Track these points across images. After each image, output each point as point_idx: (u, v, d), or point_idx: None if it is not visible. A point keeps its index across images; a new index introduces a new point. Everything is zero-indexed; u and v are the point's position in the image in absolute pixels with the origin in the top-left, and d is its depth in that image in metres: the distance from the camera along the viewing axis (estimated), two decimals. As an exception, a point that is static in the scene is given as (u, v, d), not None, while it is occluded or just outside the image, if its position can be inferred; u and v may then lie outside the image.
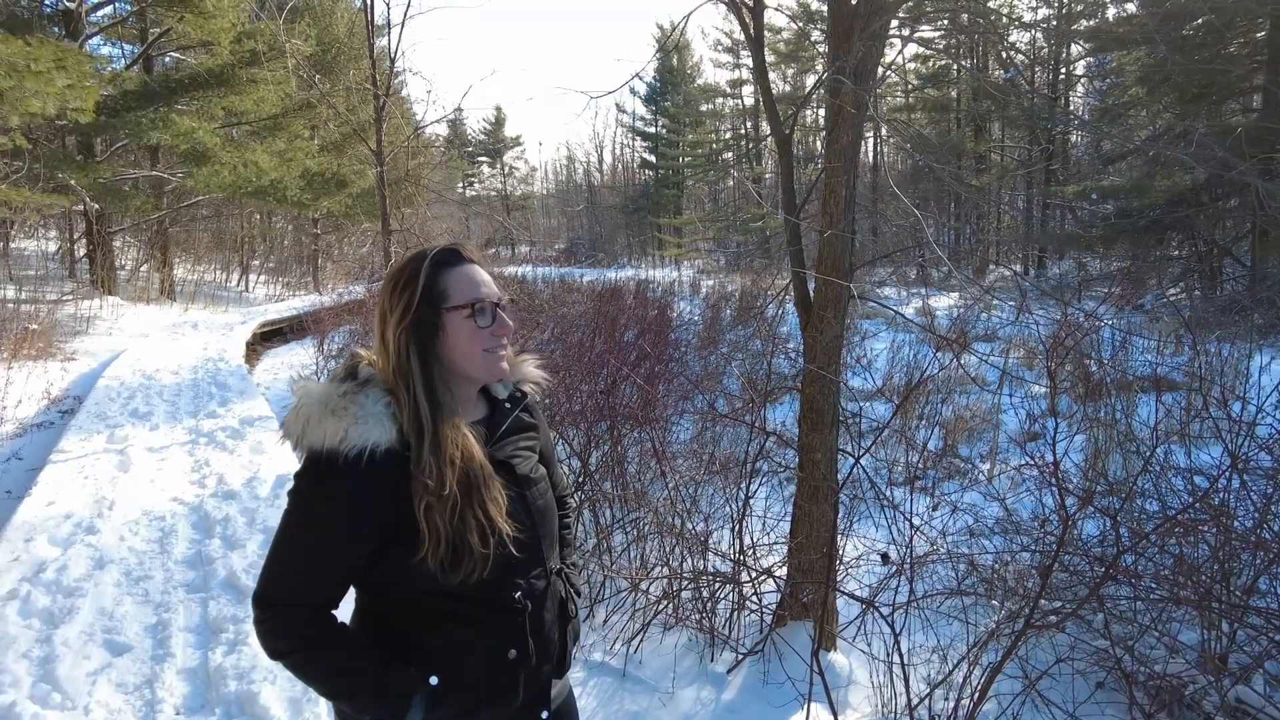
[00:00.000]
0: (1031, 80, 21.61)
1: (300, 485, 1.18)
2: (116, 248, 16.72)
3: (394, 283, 1.26)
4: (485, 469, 1.22)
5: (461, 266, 1.28)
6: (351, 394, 1.18)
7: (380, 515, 1.17)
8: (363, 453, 1.13)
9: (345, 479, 1.14)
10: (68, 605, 3.33)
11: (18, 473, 6.04)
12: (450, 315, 1.24)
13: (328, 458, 1.14)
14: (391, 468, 1.16)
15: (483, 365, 1.28)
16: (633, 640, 3.51)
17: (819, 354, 3.25)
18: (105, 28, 15.37)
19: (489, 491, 1.21)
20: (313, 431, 1.15)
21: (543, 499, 1.37)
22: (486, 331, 1.26)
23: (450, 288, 1.25)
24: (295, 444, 1.17)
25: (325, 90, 11.71)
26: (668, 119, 34.60)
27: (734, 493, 3.94)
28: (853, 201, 3.30)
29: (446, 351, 1.25)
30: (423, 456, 1.16)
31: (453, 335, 1.24)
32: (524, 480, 1.34)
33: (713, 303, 13.57)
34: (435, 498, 1.15)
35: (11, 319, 10.22)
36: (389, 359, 1.23)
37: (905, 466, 6.41)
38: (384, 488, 1.16)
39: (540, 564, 1.34)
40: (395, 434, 1.17)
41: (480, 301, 1.25)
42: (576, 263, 30.47)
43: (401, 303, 1.23)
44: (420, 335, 1.23)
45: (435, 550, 1.16)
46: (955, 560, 3.59)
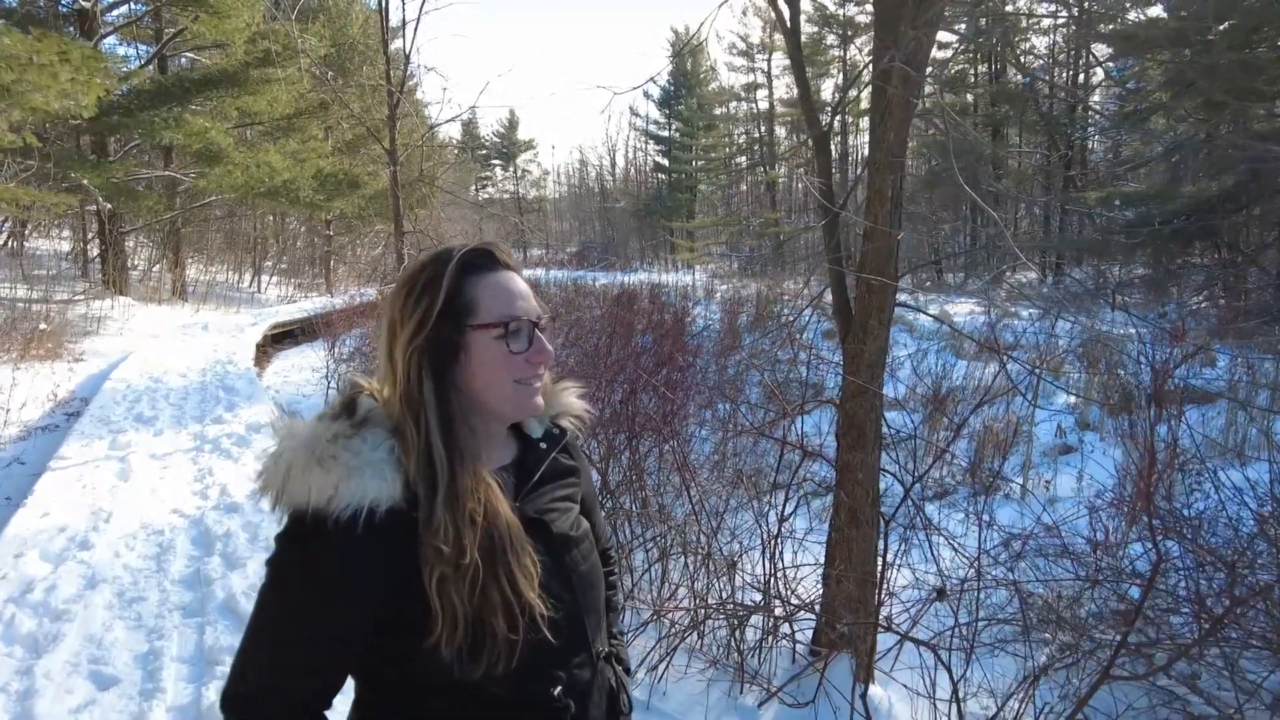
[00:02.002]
0: (1050, 85, 21.36)
1: (280, 555, 0.93)
2: (129, 248, 16.65)
3: (409, 288, 1.00)
4: (514, 529, 0.97)
5: (495, 273, 1.02)
6: (345, 437, 0.93)
7: (381, 592, 0.92)
8: (359, 513, 0.88)
9: (336, 547, 0.89)
10: (54, 631, 3.12)
11: (20, 478, 5.87)
12: (477, 335, 0.98)
13: (314, 520, 0.89)
14: (395, 531, 0.91)
15: (513, 399, 1.02)
16: (657, 667, 3.30)
17: (862, 367, 3.03)
18: (120, 27, 15.32)
19: (519, 559, 0.96)
20: (295, 486, 0.90)
21: (586, 562, 1.10)
22: (521, 358, 1.00)
23: (479, 299, 0.99)
24: (274, 501, 0.91)
25: (338, 89, 11.57)
26: (681, 122, 34.43)
27: (762, 509, 3.71)
28: (900, 202, 3.08)
29: (468, 379, 1.00)
30: (434, 515, 0.91)
31: (478, 360, 0.99)
32: (563, 541, 1.07)
33: (729, 308, 13.34)
34: (451, 568, 0.90)
35: (22, 319, 10.11)
36: (395, 386, 0.98)
37: (935, 481, 6.17)
38: (386, 557, 0.92)
39: (584, 648, 1.07)
40: (400, 487, 0.92)
41: (516, 319, 1.00)
42: (589, 266, 30.28)
43: (416, 314, 0.97)
44: (437, 358, 0.97)
45: (451, 634, 0.90)
46: (999, 586, 3.37)
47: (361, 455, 0.92)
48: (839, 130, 28.92)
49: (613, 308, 10.89)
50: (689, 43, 7.35)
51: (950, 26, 8.18)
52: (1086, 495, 4.85)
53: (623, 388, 5.31)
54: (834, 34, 28.04)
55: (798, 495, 3.69)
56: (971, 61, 24.67)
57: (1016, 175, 21.96)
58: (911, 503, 2.90)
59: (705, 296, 17.50)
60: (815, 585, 3.52)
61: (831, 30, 27.95)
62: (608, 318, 9.68)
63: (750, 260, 24.69)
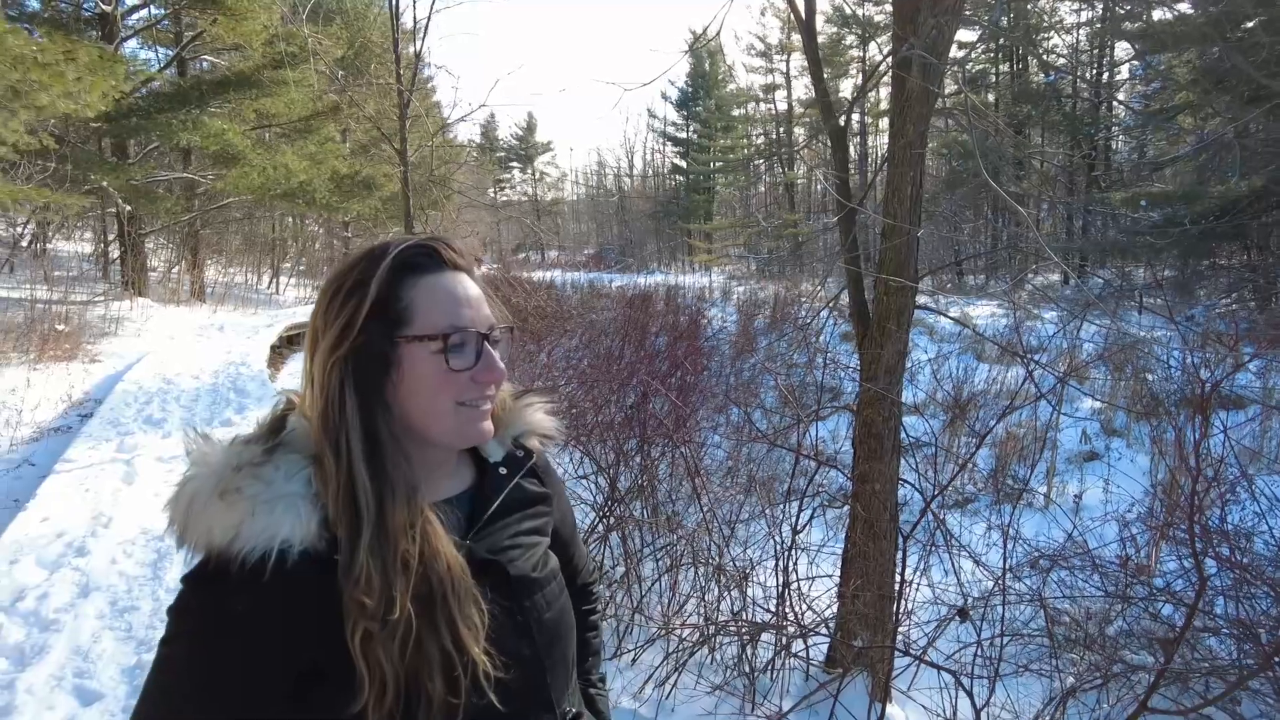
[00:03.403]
0: (1074, 84, 21.02)
1: (179, 603, 0.79)
2: (149, 249, 16.75)
3: (334, 288, 0.85)
4: (456, 574, 0.81)
5: (438, 275, 0.86)
6: (253, 465, 0.78)
7: (295, 650, 0.77)
8: (266, 556, 0.75)
9: (238, 597, 0.75)
10: (41, 642, 3.05)
11: (29, 479, 5.85)
12: (411, 347, 0.83)
13: (216, 564, 0.76)
14: (311, 577, 0.76)
15: (453, 425, 0.85)
16: (664, 684, 3.17)
17: (879, 372, 2.89)
18: (140, 30, 15.42)
19: (462, 608, 0.80)
20: (195, 523, 0.76)
21: (552, 608, 0.94)
22: (463, 376, 0.84)
23: (416, 306, 0.84)
24: (178, 540, 0.77)
25: (351, 92, 11.57)
26: (699, 124, 34.29)
27: (775, 519, 3.58)
28: (919, 200, 2.94)
29: (401, 399, 0.84)
30: (356, 561, 0.76)
31: (412, 377, 0.83)
32: (522, 584, 0.91)
33: (745, 310, 13.19)
34: (377, 623, 0.75)
35: (41, 319, 10.15)
36: (315, 405, 0.83)
37: (955, 489, 6.00)
38: (299, 608, 0.77)
39: (546, 709, 0.91)
40: (316, 525, 0.78)
41: (459, 330, 0.84)
42: (606, 268, 30.20)
43: (339, 320, 0.82)
44: (363, 372, 0.81)
45: (380, 699, 0.75)
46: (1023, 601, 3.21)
47: (273, 487, 0.78)
48: (858, 130, 28.68)
49: (627, 310, 10.79)
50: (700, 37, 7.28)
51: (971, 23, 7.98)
52: (1115, 506, 4.67)
53: (635, 391, 5.20)
54: (853, 33, 27.79)
55: (813, 505, 3.54)
56: (992, 61, 24.37)
57: (1039, 176, 21.61)
58: (932, 515, 2.75)
59: (722, 298, 17.35)
60: (830, 599, 3.39)
61: (850, 30, 27.71)
62: (622, 320, 9.58)
63: (768, 262, 24.47)
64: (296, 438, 0.83)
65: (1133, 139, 20.99)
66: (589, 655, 1.14)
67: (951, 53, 3.19)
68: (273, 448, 0.81)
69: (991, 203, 20.58)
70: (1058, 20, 20.89)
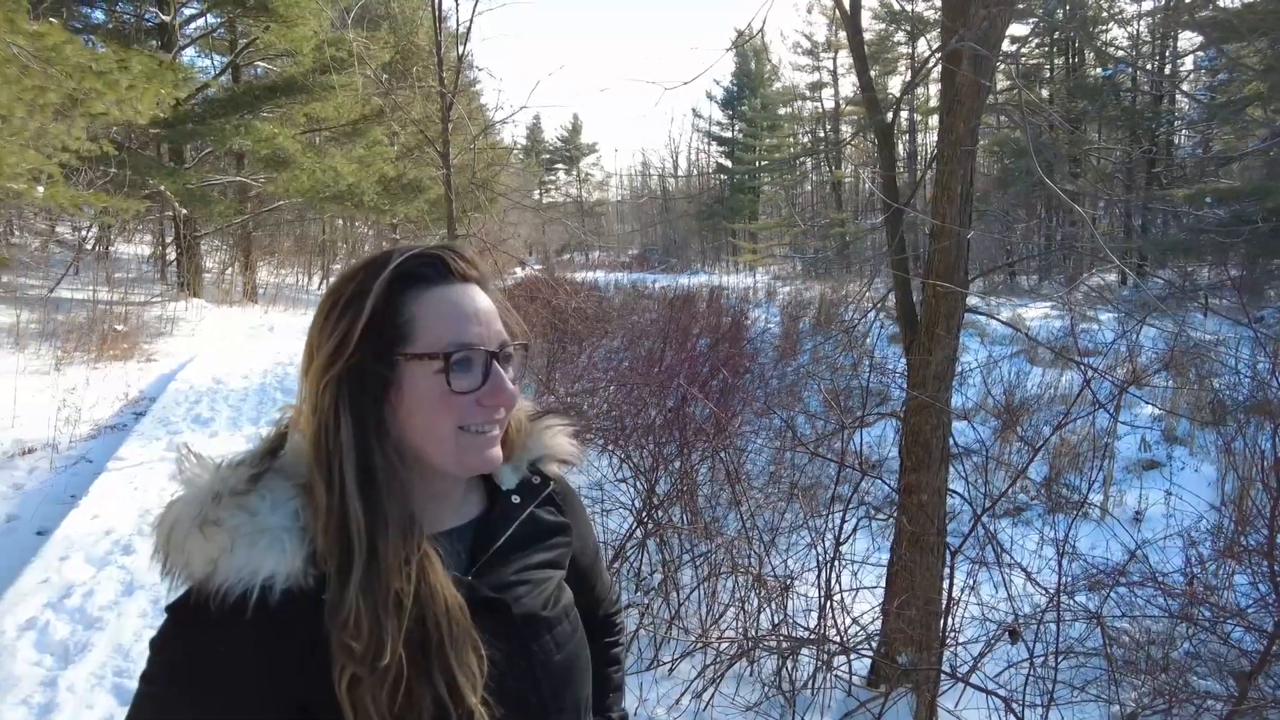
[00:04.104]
0: (1134, 77, 20.31)
1: (158, 637, 0.74)
2: (204, 251, 17.20)
3: (331, 301, 0.78)
4: (455, 615, 0.74)
5: (444, 287, 0.79)
6: (236, 494, 0.72)
7: (279, 692, 0.72)
8: (248, 594, 0.69)
9: (216, 636, 0.70)
10: (84, 639, 3.10)
11: (85, 476, 6.00)
12: (411, 366, 0.76)
13: (196, 599, 0.71)
14: (295, 616, 0.71)
15: (455, 451, 0.78)
16: (702, 695, 3.10)
17: (928, 379, 2.77)
18: (197, 39, 15.85)
19: (459, 654, 0.74)
20: (175, 553, 0.71)
21: (563, 650, 0.86)
22: (468, 398, 0.77)
23: (417, 321, 0.76)
24: (161, 568, 0.72)
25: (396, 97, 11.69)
26: (745, 123, 34.04)
27: (818, 529, 3.47)
28: (970, 199, 2.81)
29: (400, 423, 0.77)
30: (345, 601, 0.70)
31: (413, 399, 0.76)
32: (529, 624, 0.84)
33: (790, 311, 13.00)
34: (365, 668, 0.69)
35: (101, 320, 10.47)
36: (308, 427, 0.77)
37: (1006, 497, 5.79)
38: (283, 650, 0.71)
39: None
40: (302, 561, 0.72)
41: (463, 348, 0.77)
42: (649, 269, 30.16)
43: (335, 336, 0.75)
44: (358, 393, 0.75)
45: None
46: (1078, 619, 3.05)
47: (257, 518, 0.72)
48: (906, 128, 28.16)
49: (668, 311, 10.71)
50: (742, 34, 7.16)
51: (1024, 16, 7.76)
52: (1179, 519, 4.44)
53: (675, 394, 5.13)
54: (901, 29, 27.30)
55: (857, 515, 3.43)
56: (1047, 56, 23.70)
57: (1095, 173, 20.93)
58: (982, 529, 2.62)
59: (766, 299, 17.16)
60: (874, 615, 3.27)
61: (899, 26, 27.23)
62: (663, 321, 9.51)
63: (813, 262, 24.16)
64: (289, 461, 0.77)
65: (1197, 133, 20.19)
66: (610, 692, 1.06)
67: (1003, 47, 3.05)
68: (260, 473, 0.75)
69: (1045, 202, 19.99)
70: (1117, 11, 20.21)
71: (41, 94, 5.94)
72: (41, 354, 8.87)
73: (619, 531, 4.04)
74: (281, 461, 0.77)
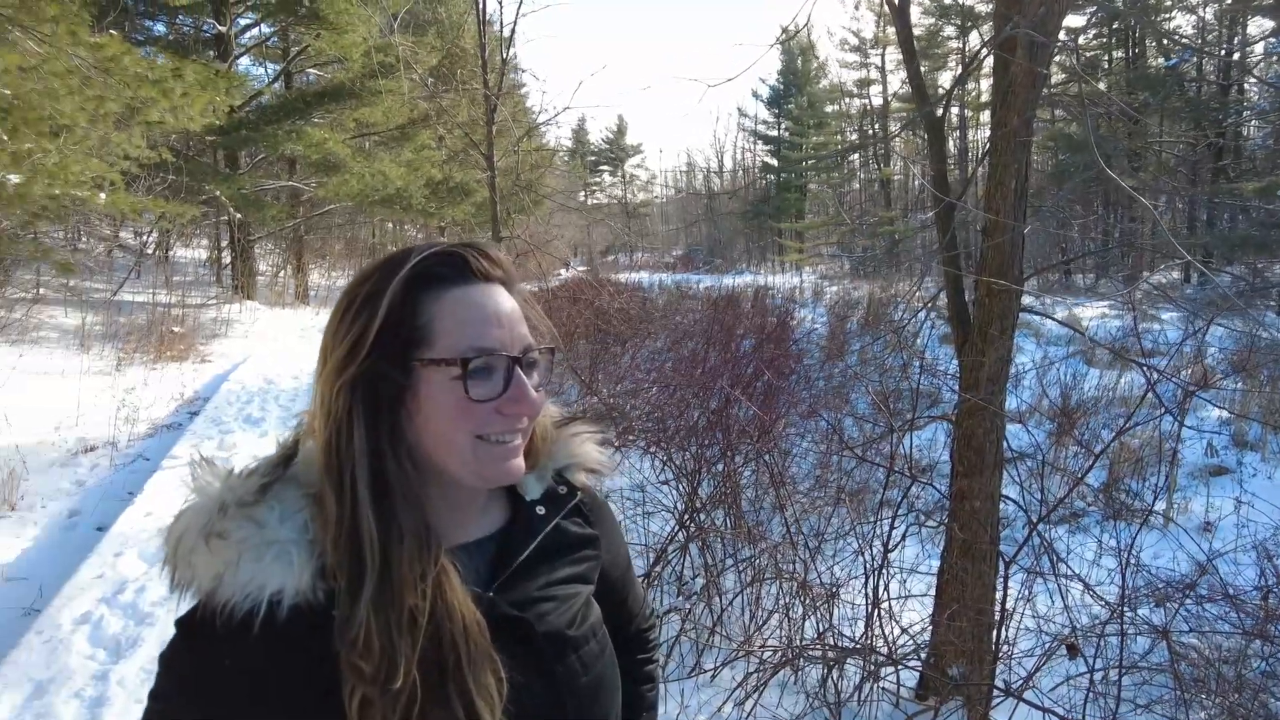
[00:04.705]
0: (1199, 66, 19.56)
1: (166, 652, 0.72)
2: (257, 254, 17.63)
3: (345, 303, 0.74)
4: (472, 635, 0.70)
5: (464, 288, 0.74)
6: (243, 505, 0.69)
7: (289, 712, 0.69)
8: (254, 610, 0.66)
9: (220, 653, 0.68)
10: (135, 635, 3.16)
11: (142, 474, 6.17)
12: (428, 372, 0.71)
13: (202, 614, 0.68)
14: (304, 633, 0.67)
15: (473, 462, 0.73)
16: (745, 703, 3.03)
17: (981, 381, 2.66)
18: (251, 48, 16.28)
19: (477, 675, 0.69)
20: (182, 566, 0.68)
21: (589, 671, 0.80)
22: (487, 406, 0.72)
23: (435, 324, 0.72)
24: (169, 581, 0.69)
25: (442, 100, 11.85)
26: (791, 121, 33.70)
27: (865, 535, 3.38)
28: (1025, 194, 2.69)
29: (416, 429, 0.73)
30: (355, 619, 0.66)
31: (429, 406, 0.71)
32: (554, 644, 0.78)
33: (838, 311, 12.79)
34: (377, 689, 0.65)
35: (160, 322, 10.80)
36: (320, 434, 0.73)
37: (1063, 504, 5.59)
38: (291, 669, 0.68)
39: None
40: (310, 576, 0.68)
41: (483, 353, 0.72)
42: (694, 269, 30.06)
43: (348, 339, 0.71)
44: (371, 400, 0.71)
45: None
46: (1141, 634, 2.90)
47: (265, 531, 0.68)
48: (956, 124, 27.57)
49: (712, 311, 10.63)
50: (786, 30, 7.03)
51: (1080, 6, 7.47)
52: (1250, 529, 4.22)
53: (718, 395, 5.06)
54: (951, 23, 26.75)
55: (906, 521, 3.32)
56: (1105, 47, 22.97)
57: (1157, 168, 20.19)
58: (1038, 537, 2.51)
59: (813, 299, 16.94)
60: (923, 623, 3.17)
61: (949, 20, 26.68)
62: (707, 322, 9.43)
63: (862, 261, 23.77)
64: (302, 470, 0.74)
65: (1268, 123, 19.33)
66: (643, 711, 1.00)
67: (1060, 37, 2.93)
68: (269, 484, 0.71)
69: (1102, 197, 19.34)
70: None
71: (102, 104, 6.14)
72: (104, 355, 9.18)
73: (660, 534, 3.99)
74: (294, 470, 0.74)
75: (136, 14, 13.54)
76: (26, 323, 9.50)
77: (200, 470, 0.72)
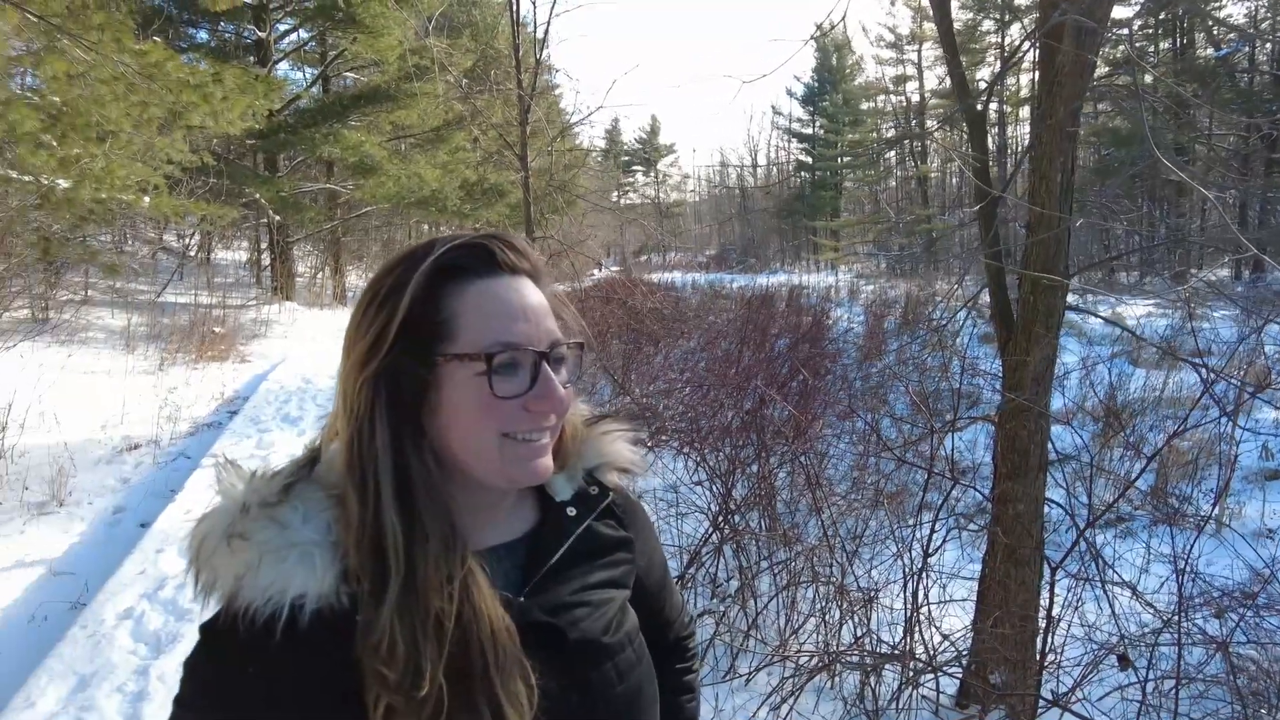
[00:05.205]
0: (1252, 55, 18.97)
1: (190, 660, 0.70)
2: (296, 256, 17.93)
3: (369, 296, 0.71)
4: (501, 641, 0.67)
5: (489, 280, 0.71)
6: (266, 506, 0.67)
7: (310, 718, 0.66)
8: (276, 615, 0.64)
9: (246, 658, 0.65)
10: (175, 631, 3.20)
11: (183, 471, 6.29)
12: (451, 368, 0.68)
13: (224, 619, 0.66)
14: (328, 638, 0.65)
15: (498, 462, 0.70)
16: (780, 708, 2.98)
17: (1025, 380, 2.58)
18: (290, 53, 16.57)
19: (506, 683, 0.66)
20: (205, 569, 0.66)
21: (624, 681, 0.76)
22: (513, 404, 0.69)
23: (459, 318, 0.69)
24: (193, 584, 0.68)
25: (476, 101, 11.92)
26: (826, 119, 33.38)
27: (904, 538, 3.30)
28: (1071, 188, 2.60)
29: (440, 427, 0.70)
30: (378, 624, 0.63)
31: (453, 403, 0.68)
32: (586, 651, 0.75)
33: (874, 310, 12.61)
34: (402, 697, 0.62)
35: (201, 322, 11.02)
36: (342, 432, 0.70)
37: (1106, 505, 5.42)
38: (314, 675, 0.65)
39: None
40: (333, 579, 0.65)
41: (508, 348, 0.69)
42: (727, 268, 29.91)
43: (370, 334, 0.69)
44: (395, 396, 0.68)
45: None
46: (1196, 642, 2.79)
47: (287, 532, 0.66)
48: (995, 120, 27.05)
49: (746, 310, 10.54)
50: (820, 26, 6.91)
51: None
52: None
53: (753, 395, 5.01)
54: (990, 17, 26.27)
55: (947, 525, 3.24)
56: (1151, 38, 22.38)
57: (1206, 161, 19.61)
58: (1085, 543, 2.42)
59: (849, 298, 16.74)
60: (964, 629, 3.08)
61: (987, 14, 26.20)
62: (740, 321, 9.36)
63: (899, 259, 23.44)
64: (326, 470, 0.71)
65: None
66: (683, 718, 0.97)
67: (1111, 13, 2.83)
68: (292, 484, 0.69)
69: (1149, 192, 18.84)
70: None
71: (145, 109, 6.27)
72: (148, 355, 9.38)
73: (694, 536, 3.95)
74: (319, 471, 0.71)
75: (180, 22, 13.85)
76: (75, 323, 9.74)
77: (225, 472, 0.71)
